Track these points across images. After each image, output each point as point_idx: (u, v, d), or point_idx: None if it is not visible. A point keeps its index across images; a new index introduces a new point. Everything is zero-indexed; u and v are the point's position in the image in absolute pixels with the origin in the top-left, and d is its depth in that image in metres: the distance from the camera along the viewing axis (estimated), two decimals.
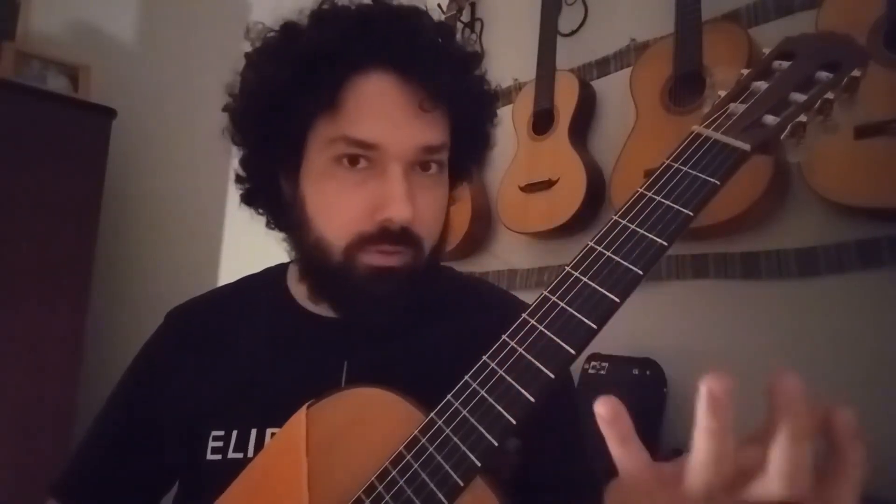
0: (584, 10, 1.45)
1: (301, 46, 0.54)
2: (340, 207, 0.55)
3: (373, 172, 0.54)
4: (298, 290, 0.65)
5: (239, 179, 0.64)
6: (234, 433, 0.57)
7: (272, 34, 0.59)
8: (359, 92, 0.54)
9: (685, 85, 1.13)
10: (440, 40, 0.57)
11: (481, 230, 1.57)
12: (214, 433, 0.57)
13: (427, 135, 0.55)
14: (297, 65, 0.53)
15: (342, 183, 0.55)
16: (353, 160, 0.54)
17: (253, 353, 0.62)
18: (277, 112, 0.55)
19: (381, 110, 0.54)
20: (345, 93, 0.53)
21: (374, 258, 0.55)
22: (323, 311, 0.63)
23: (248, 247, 0.66)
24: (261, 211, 0.65)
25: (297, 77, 0.53)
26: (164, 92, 2.07)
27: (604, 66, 1.40)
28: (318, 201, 0.57)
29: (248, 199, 0.65)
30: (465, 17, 1.72)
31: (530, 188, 1.38)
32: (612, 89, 1.36)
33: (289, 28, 0.58)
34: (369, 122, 0.53)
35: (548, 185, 1.34)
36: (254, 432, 0.56)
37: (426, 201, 0.57)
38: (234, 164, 0.64)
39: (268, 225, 0.66)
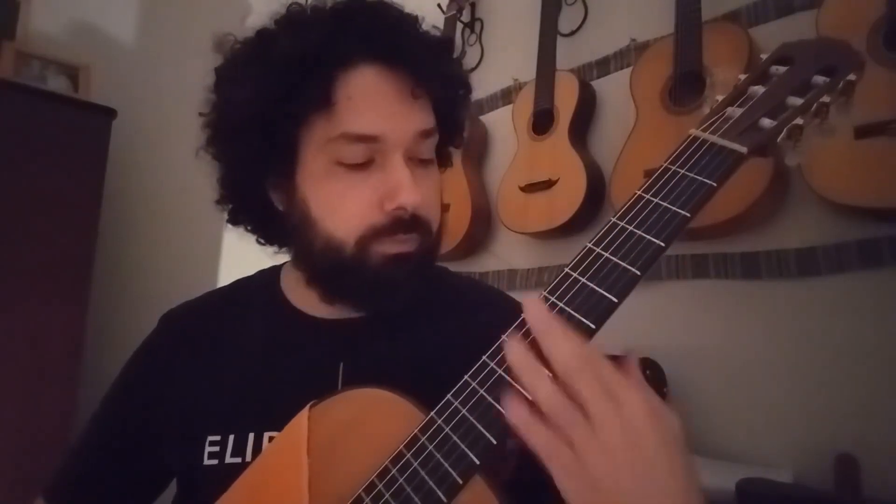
0: (584, 10, 1.45)
1: (285, 49, 0.53)
2: (348, 204, 0.55)
3: (374, 166, 0.55)
4: (292, 292, 0.65)
5: (221, 200, 0.63)
6: (231, 438, 0.56)
7: (243, 44, 0.58)
8: (350, 88, 0.54)
9: (685, 85, 1.13)
10: (416, 28, 0.58)
11: (481, 230, 1.57)
12: (211, 438, 0.57)
13: (421, 120, 0.56)
14: (284, 67, 0.53)
15: (346, 181, 0.55)
16: (351, 165, 0.54)
17: (247, 357, 0.61)
18: (267, 118, 0.54)
19: (377, 102, 0.54)
20: (336, 90, 0.53)
21: (389, 247, 0.55)
22: (317, 312, 0.63)
23: (248, 246, 0.66)
24: (250, 228, 0.64)
25: (286, 79, 0.53)
26: (164, 92, 2.06)
27: (604, 66, 1.40)
28: (323, 203, 0.56)
29: (235, 219, 0.64)
30: (465, 17, 1.72)
31: (530, 188, 1.38)
32: (612, 89, 1.36)
33: (265, 34, 0.57)
34: (368, 115, 0.54)
35: (548, 185, 1.34)
36: (251, 437, 0.56)
37: (426, 188, 0.58)
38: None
39: (258, 241, 0.65)
